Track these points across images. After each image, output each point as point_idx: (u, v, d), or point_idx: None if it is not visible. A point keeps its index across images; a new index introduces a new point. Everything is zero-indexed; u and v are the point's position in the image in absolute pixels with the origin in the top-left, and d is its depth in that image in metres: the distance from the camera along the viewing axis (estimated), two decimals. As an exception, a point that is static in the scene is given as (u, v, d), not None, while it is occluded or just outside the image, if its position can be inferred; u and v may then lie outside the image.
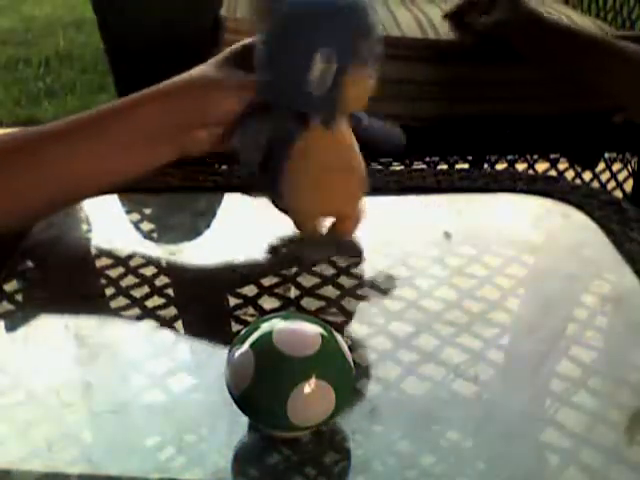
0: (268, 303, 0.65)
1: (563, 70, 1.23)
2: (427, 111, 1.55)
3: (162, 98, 0.63)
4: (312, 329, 0.50)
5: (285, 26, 0.59)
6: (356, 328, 0.63)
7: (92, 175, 0.62)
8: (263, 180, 0.64)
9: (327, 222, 0.64)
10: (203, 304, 0.67)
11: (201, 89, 0.63)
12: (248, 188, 0.69)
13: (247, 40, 0.65)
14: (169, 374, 0.57)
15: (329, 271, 0.70)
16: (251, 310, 0.65)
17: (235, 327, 0.63)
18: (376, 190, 0.71)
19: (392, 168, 1.67)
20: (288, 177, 0.62)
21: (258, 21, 0.60)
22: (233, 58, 0.65)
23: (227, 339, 0.53)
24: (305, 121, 0.61)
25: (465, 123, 1.61)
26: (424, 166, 1.72)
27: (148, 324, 0.63)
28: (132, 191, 0.84)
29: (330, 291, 0.67)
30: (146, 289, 0.68)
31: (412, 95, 1.54)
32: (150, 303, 0.66)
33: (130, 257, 0.72)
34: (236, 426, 0.52)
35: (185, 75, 0.64)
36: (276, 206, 0.65)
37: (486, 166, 1.76)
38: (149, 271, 0.70)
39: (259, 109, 0.63)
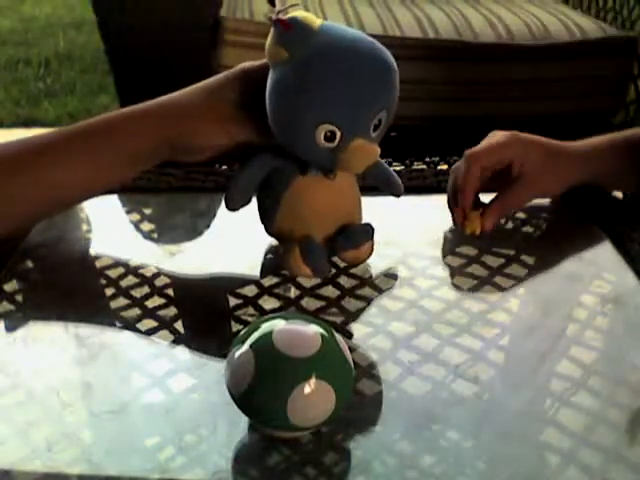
0: (268, 303, 0.65)
1: None
2: (427, 111, 1.56)
3: (149, 121, 0.64)
4: (312, 329, 0.50)
5: (305, 79, 0.59)
6: (356, 328, 0.63)
7: (76, 187, 0.65)
8: (259, 208, 0.69)
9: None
10: (203, 304, 0.67)
11: (187, 118, 0.64)
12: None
13: (248, 64, 0.66)
14: (169, 374, 0.57)
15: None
16: (251, 310, 0.65)
17: (235, 327, 0.63)
18: (376, 190, 0.71)
19: (392, 168, 1.67)
20: (282, 211, 0.66)
21: (277, 54, 0.60)
22: (232, 82, 0.65)
23: (227, 339, 0.53)
24: (306, 165, 0.65)
25: (465, 123, 1.62)
26: (424, 166, 1.72)
27: (148, 324, 0.63)
28: (132, 191, 0.84)
29: (330, 291, 0.67)
30: (146, 289, 0.68)
31: (412, 95, 1.54)
32: (150, 303, 0.66)
33: (130, 257, 0.72)
34: (236, 426, 0.52)
35: (178, 97, 0.65)
36: (267, 231, 0.69)
37: (486, 166, 1.76)
38: (149, 271, 0.70)
39: (257, 149, 0.66)
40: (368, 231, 0.68)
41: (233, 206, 0.67)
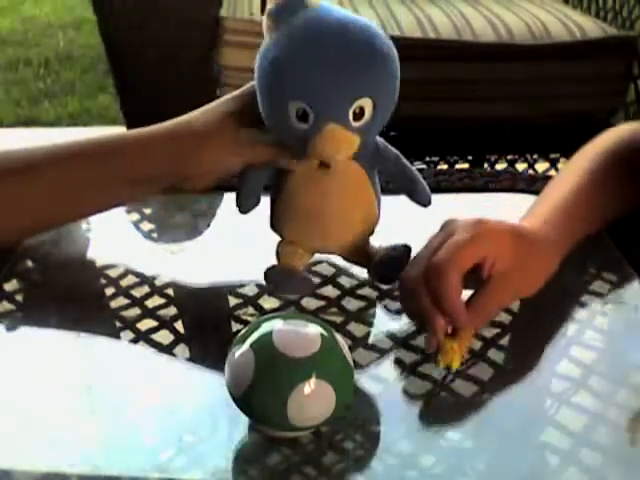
0: (268, 303, 0.65)
1: None
2: (427, 111, 1.55)
3: (147, 145, 0.63)
4: (312, 329, 0.50)
5: (283, 53, 0.57)
6: (356, 328, 0.63)
7: (69, 206, 0.65)
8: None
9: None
10: (203, 304, 0.67)
11: (186, 145, 0.62)
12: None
13: (247, 87, 0.64)
14: (169, 374, 0.57)
15: (329, 271, 0.69)
16: (251, 310, 0.65)
17: (235, 327, 0.63)
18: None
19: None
20: (280, 211, 0.64)
21: (265, 26, 0.59)
22: (233, 106, 0.63)
23: (227, 339, 0.53)
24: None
25: (465, 123, 1.62)
26: (424, 166, 1.72)
27: (148, 324, 0.63)
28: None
29: (330, 291, 0.67)
30: (146, 289, 0.68)
31: (412, 95, 1.54)
32: (150, 303, 0.66)
33: (130, 257, 0.72)
34: (236, 426, 0.52)
35: (177, 122, 0.64)
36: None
37: (486, 166, 1.76)
38: (149, 271, 0.70)
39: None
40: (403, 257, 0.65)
41: (245, 209, 0.65)
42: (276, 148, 0.62)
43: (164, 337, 0.61)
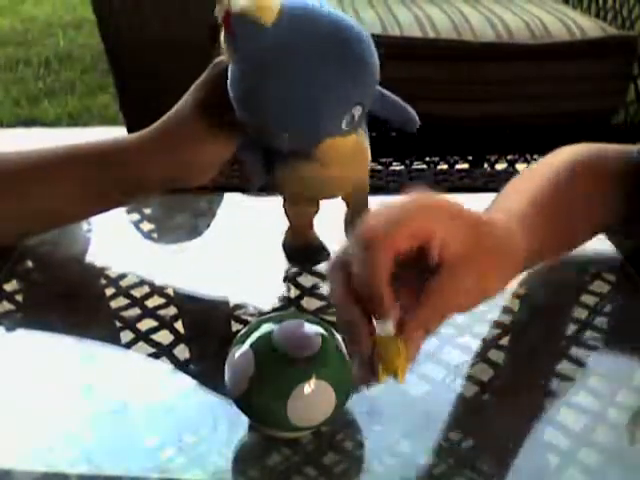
0: (268, 303, 0.65)
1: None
2: (427, 111, 1.56)
3: (142, 154, 0.64)
4: (312, 329, 0.50)
5: (255, 88, 0.56)
6: (356, 328, 0.63)
7: (64, 212, 0.67)
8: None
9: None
10: (203, 304, 0.67)
11: (177, 146, 0.64)
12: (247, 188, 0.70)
13: (222, 60, 0.63)
14: (169, 374, 0.57)
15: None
16: (251, 310, 0.65)
17: (235, 327, 0.63)
18: (376, 190, 0.71)
19: (392, 168, 1.68)
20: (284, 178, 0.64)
21: (226, 53, 0.56)
22: (214, 86, 0.63)
23: (227, 339, 0.53)
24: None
25: (465, 123, 1.62)
26: (424, 166, 1.72)
27: (148, 324, 0.63)
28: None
29: (330, 291, 0.67)
30: (146, 289, 0.68)
31: (412, 95, 1.55)
32: (150, 303, 0.66)
33: (130, 257, 0.72)
34: (236, 426, 0.52)
35: (167, 120, 0.65)
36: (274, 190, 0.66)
37: (486, 166, 1.76)
38: (149, 271, 0.70)
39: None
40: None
41: (254, 186, 0.65)
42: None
43: (164, 337, 0.61)
